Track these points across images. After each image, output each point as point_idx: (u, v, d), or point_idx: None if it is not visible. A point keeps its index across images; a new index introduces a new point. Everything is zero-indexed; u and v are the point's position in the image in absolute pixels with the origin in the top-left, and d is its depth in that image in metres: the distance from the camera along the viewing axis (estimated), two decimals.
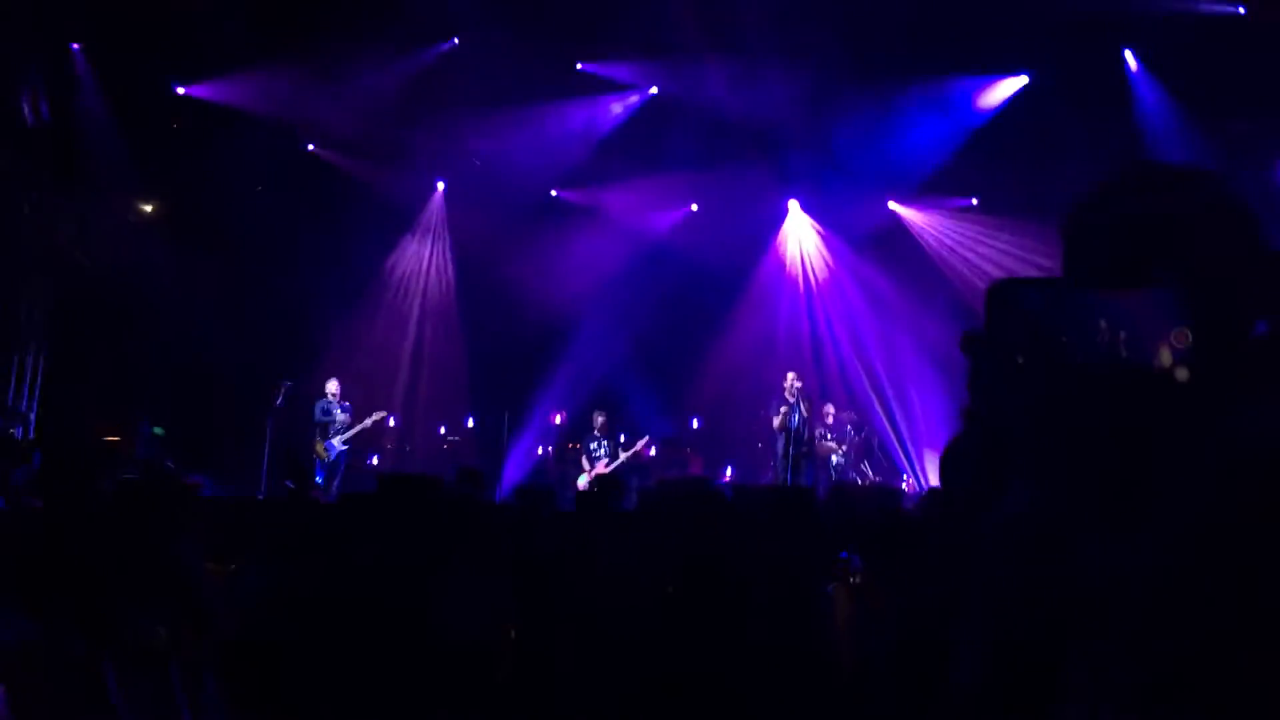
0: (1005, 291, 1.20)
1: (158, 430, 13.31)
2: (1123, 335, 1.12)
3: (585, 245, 15.86)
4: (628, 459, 13.34)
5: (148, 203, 15.01)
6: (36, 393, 13.54)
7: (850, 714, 3.20)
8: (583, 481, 13.07)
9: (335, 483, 12.70)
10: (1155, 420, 1.09)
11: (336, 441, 12.89)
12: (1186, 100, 12.68)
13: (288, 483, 9.50)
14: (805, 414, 12.17)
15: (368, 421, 13.19)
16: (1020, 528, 1.13)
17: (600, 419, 13.57)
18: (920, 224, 15.96)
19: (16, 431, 11.94)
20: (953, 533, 1.20)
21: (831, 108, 13.57)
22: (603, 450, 13.36)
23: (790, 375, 12.38)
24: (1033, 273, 14.07)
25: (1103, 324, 1.13)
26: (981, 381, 1.18)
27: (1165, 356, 1.10)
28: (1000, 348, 1.18)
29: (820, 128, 13.77)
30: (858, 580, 3.98)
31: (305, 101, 14.23)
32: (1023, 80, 13.69)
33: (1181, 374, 1.09)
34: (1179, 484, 1.02)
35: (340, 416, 13.02)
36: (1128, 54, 13.21)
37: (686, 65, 13.91)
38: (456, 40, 14.16)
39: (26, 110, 12.80)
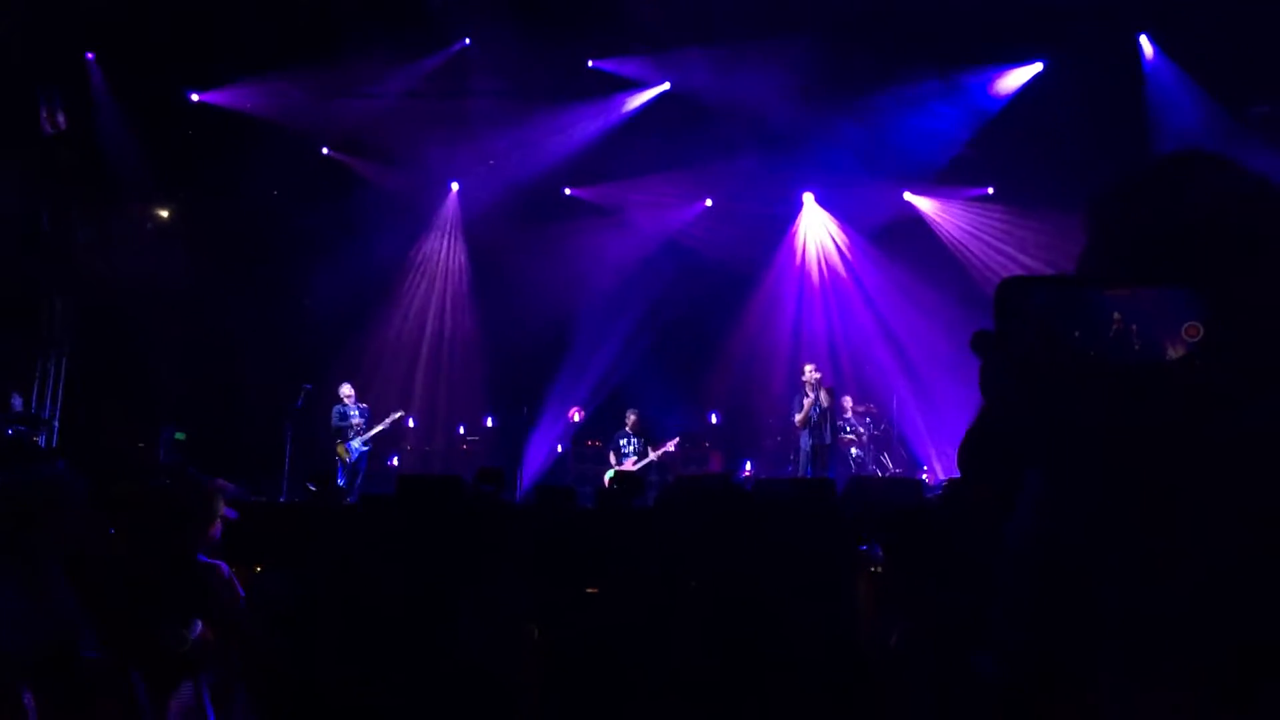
0: (1014, 289, 1.21)
1: (179, 435, 13.39)
2: (1134, 329, 1.12)
3: (600, 243, 15.87)
4: (656, 457, 13.32)
5: (166, 210, 15.11)
6: (59, 400, 13.65)
7: (871, 704, 3.21)
8: (610, 476, 13.05)
9: (357, 484, 12.76)
10: (1168, 415, 1.09)
11: (356, 443, 12.96)
12: (1204, 84, 12.58)
13: (310, 485, 9.57)
14: (825, 405, 12.12)
15: (386, 422, 13.25)
16: (1037, 532, 1.14)
17: (632, 417, 13.54)
18: (936, 215, 15.90)
19: (40, 439, 12.04)
20: (970, 528, 1.21)
21: (845, 99, 13.54)
22: (632, 448, 13.33)
23: (808, 367, 12.35)
24: (1048, 264, 14.02)
25: (1116, 316, 1.13)
26: (992, 380, 1.19)
27: (1175, 350, 1.11)
28: (1010, 346, 1.18)
29: (834, 119, 13.73)
30: (878, 571, 3.99)
31: (319, 106, 14.31)
32: (1037, 68, 13.61)
33: (1192, 367, 1.09)
34: (1193, 484, 1.03)
35: (356, 419, 13.08)
36: (1143, 39, 13.11)
37: (699, 60, 13.89)
38: (468, 40, 14.18)
39: (44, 120, 12.89)
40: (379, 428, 13.18)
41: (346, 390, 13.23)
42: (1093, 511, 1.10)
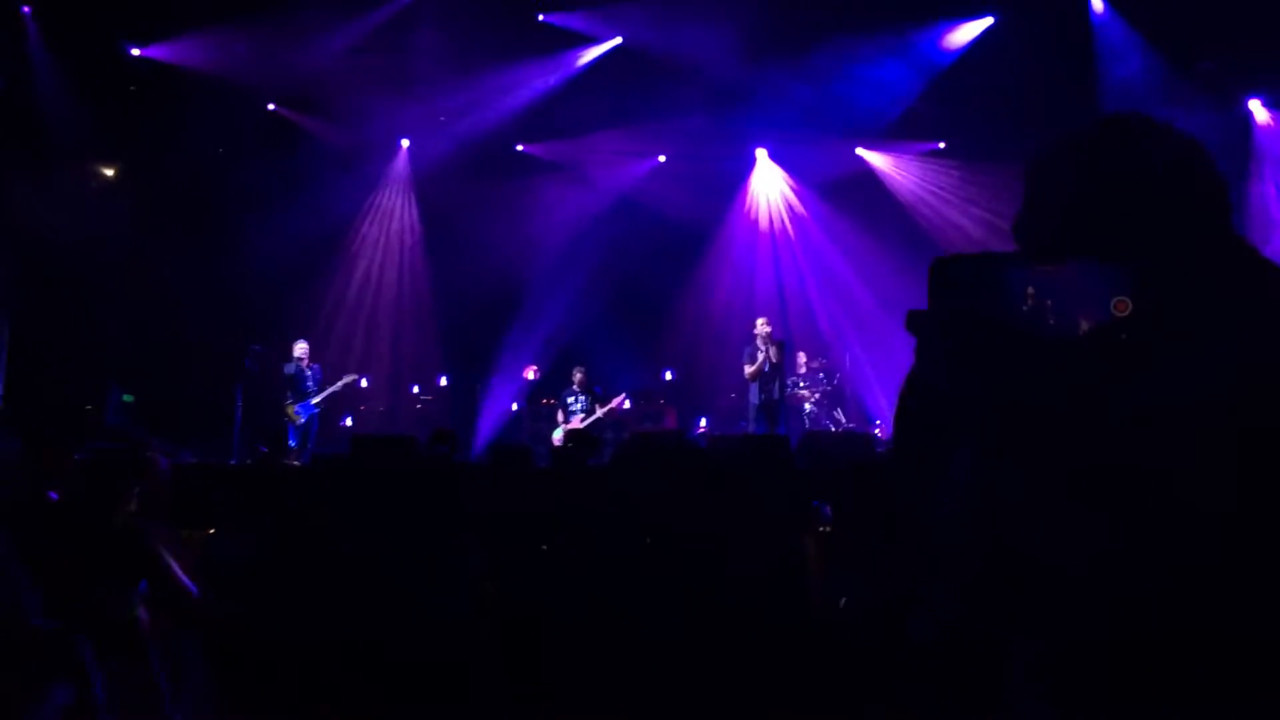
0: (944, 268, 1.22)
1: (127, 397, 13.21)
2: (1049, 304, 1.14)
3: (553, 199, 15.80)
4: (604, 414, 13.36)
5: (108, 168, 14.79)
6: (3, 363, 13.40)
7: (818, 663, 3.25)
8: (558, 436, 13.08)
9: (309, 445, 12.65)
10: (1075, 388, 1.11)
11: (307, 404, 12.80)
12: (1153, 40, 12.67)
13: (260, 447, 9.48)
14: (775, 361, 12.13)
15: (339, 385, 13.08)
16: (967, 496, 1.15)
17: (579, 374, 13.58)
18: (889, 170, 15.96)
19: None
20: (908, 491, 1.22)
21: (796, 53, 13.48)
22: (580, 405, 13.38)
23: (760, 321, 12.38)
24: (998, 217, 14.13)
25: (1030, 292, 1.14)
26: (925, 355, 1.20)
27: (1088, 324, 1.12)
28: (939, 322, 1.19)
29: (785, 75, 13.68)
30: (827, 530, 4.03)
31: (264, 60, 14.00)
32: (988, 21, 13.63)
33: (1104, 341, 1.10)
34: (1098, 455, 1.04)
35: (309, 382, 12.89)
36: None
37: (649, 15, 13.77)
38: None
39: None
40: (330, 390, 13.01)
41: (300, 349, 13.00)
42: (1012, 482, 1.11)
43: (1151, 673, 0.97)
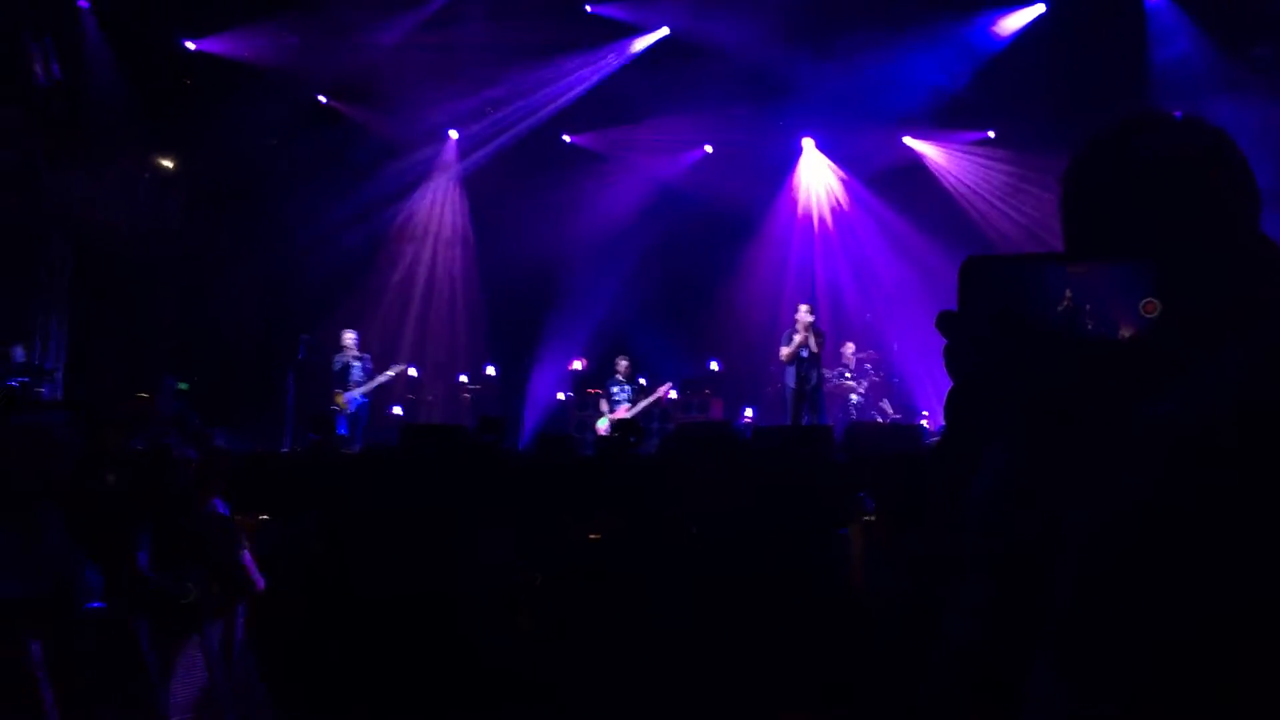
0: (975, 268, 1.22)
1: (182, 385, 13.43)
2: (1088, 308, 1.14)
3: (599, 190, 15.82)
4: (649, 404, 13.37)
5: (163, 160, 15.03)
6: (63, 353, 13.68)
7: (859, 652, 3.25)
8: (603, 425, 13.11)
9: (359, 433, 12.78)
10: (1108, 395, 1.10)
11: (356, 394, 12.92)
12: (1206, 25, 12.44)
13: (311, 435, 9.61)
14: (814, 349, 12.02)
15: (388, 374, 13.18)
16: (996, 495, 1.16)
17: (623, 363, 13.57)
18: (937, 160, 15.81)
19: (44, 390, 12.08)
20: (950, 484, 1.22)
21: (843, 40, 13.37)
22: (624, 394, 13.38)
23: (802, 307, 12.28)
24: (1049, 210, 13.96)
25: (1066, 294, 1.14)
26: (955, 358, 1.20)
27: (1128, 329, 1.11)
28: (970, 325, 1.19)
29: (833, 62, 13.57)
30: (871, 520, 4.02)
31: (315, 53, 14.15)
32: (1039, 9, 13.45)
33: (1141, 344, 1.10)
34: (1125, 458, 1.03)
35: (357, 373, 12.99)
36: None
37: (697, 3, 13.73)
38: None
39: (38, 70, 12.77)
40: (379, 379, 13.10)
41: (349, 337, 13.11)
42: (1042, 488, 1.11)
43: (1178, 682, 0.97)
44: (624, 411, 13.10)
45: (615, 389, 13.46)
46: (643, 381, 13.59)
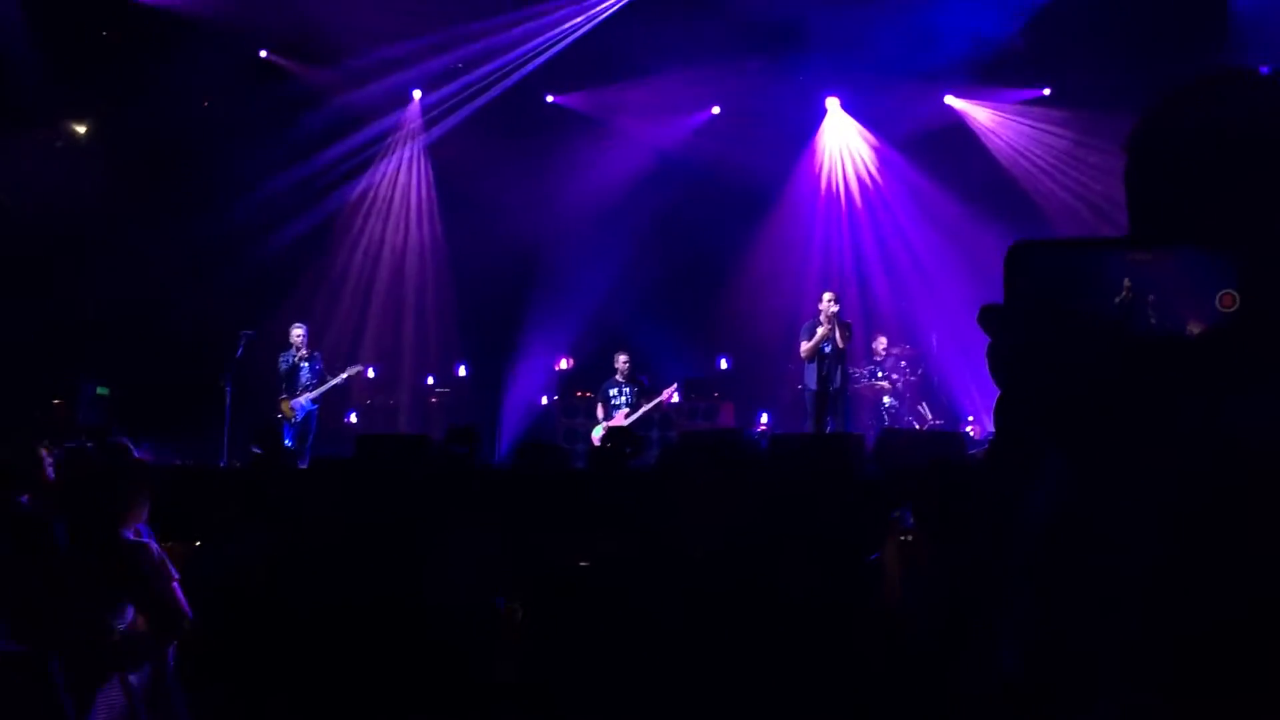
0: (1023, 256, 1.22)
1: (102, 390, 13.41)
2: (1151, 299, 1.13)
3: (590, 159, 15.78)
4: (652, 409, 13.36)
5: (77, 125, 15.00)
6: None
7: (893, 693, 3.26)
8: (598, 433, 13.10)
9: (307, 445, 12.77)
10: (1178, 395, 1.10)
11: (305, 399, 12.87)
12: None
13: (254, 447, 9.60)
14: (840, 345, 11.94)
15: (341, 376, 13.11)
16: (1053, 510, 1.16)
17: (622, 360, 13.45)
18: (984, 122, 15.82)
19: None
20: (1000, 496, 1.23)
21: None
22: (624, 398, 13.30)
23: (826, 296, 12.18)
24: (1115, 178, 13.97)
25: (1126, 284, 1.14)
26: (1000, 358, 1.20)
27: (1197, 325, 1.11)
28: (1017, 319, 1.19)
29: (861, 7, 13.56)
30: (909, 539, 4.03)
31: (256, 1, 14.12)
32: None
33: (1214, 342, 1.10)
34: (1192, 466, 1.04)
35: (305, 375, 12.94)
36: None
37: None
38: None
39: None
40: (331, 383, 13.05)
41: (297, 333, 13.03)
42: (1103, 501, 1.11)
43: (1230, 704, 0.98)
44: (622, 418, 13.06)
45: (613, 391, 13.37)
46: (645, 382, 13.53)
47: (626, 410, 13.21)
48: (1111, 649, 1.05)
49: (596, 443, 12.66)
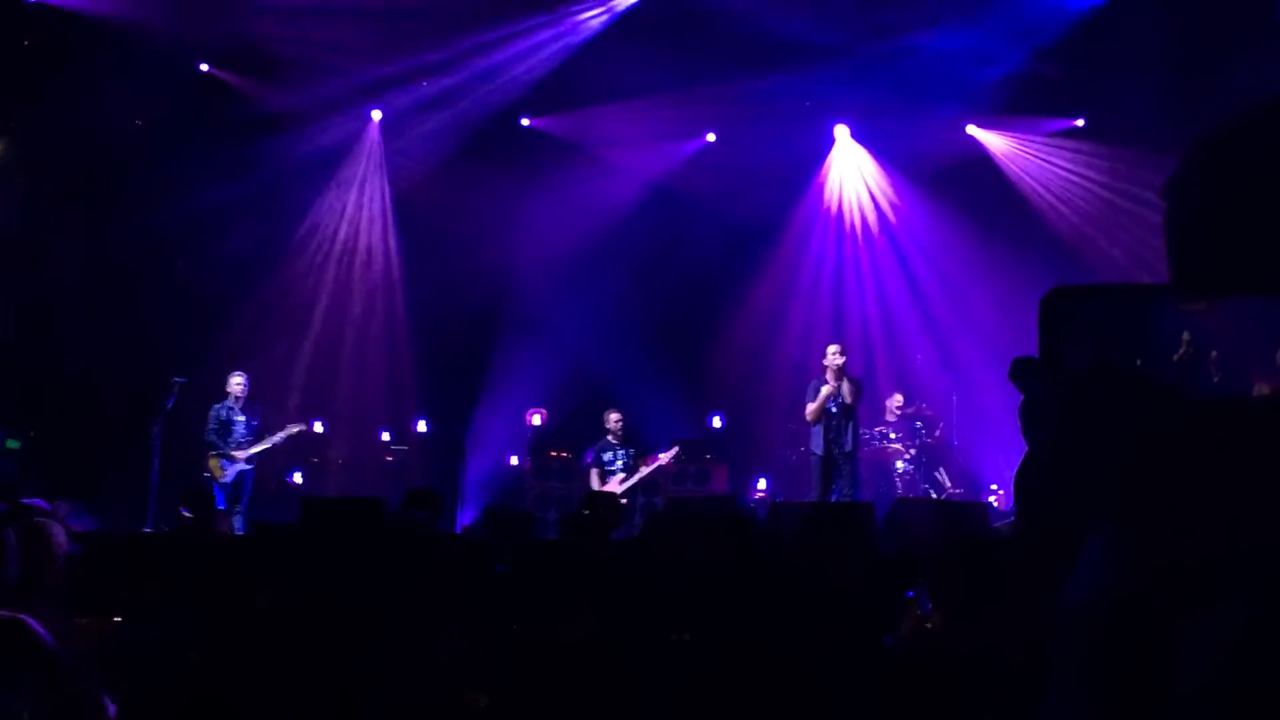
0: (1062, 304, 1.21)
1: (12, 443, 13.34)
2: (1214, 355, 1.13)
3: (568, 190, 15.83)
4: (650, 473, 13.22)
5: None
6: None
7: None
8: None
9: (241, 508, 12.66)
10: (1245, 466, 1.09)
11: (240, 458, 12.73)
12: None
13: (184, 510, 9.55)
14: (849, 401, 11.90)
15: (279, 436, 12.96)
16: (1101, 601, 1.15)
17: (614, 419, 13.28)
18: (1010, 155, 15.92)
19: None
20: (1033, 580, 1.22)
21: (888, 4, 13.50)
22: (621, 460, 13.12)
23: (832, 349, 12.14)
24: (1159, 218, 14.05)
25: (1185, 338, 1.14)
26: (1037, 417, 1.20)
27: (1265, 385, 1.11)
28: (1057, 375, 1.19)
29: (874, 28, 13.68)
30: (930, 626, 4.02)
31: (196, 10, 14.17)
32: None
33: None
34: (1267, 542, 1.03)
35: (241, 426, 12.82)
36: None
37: None
38: None
39: None
40: (268, 442, 12.95)
41: (236, 381, 12.89)
42: (1161, 578, 1.10)
43: None
44: (617, 484, 12.82)
45: (608, 455, 13.17)
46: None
47: (623, 475, 12.97)
48: None
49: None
